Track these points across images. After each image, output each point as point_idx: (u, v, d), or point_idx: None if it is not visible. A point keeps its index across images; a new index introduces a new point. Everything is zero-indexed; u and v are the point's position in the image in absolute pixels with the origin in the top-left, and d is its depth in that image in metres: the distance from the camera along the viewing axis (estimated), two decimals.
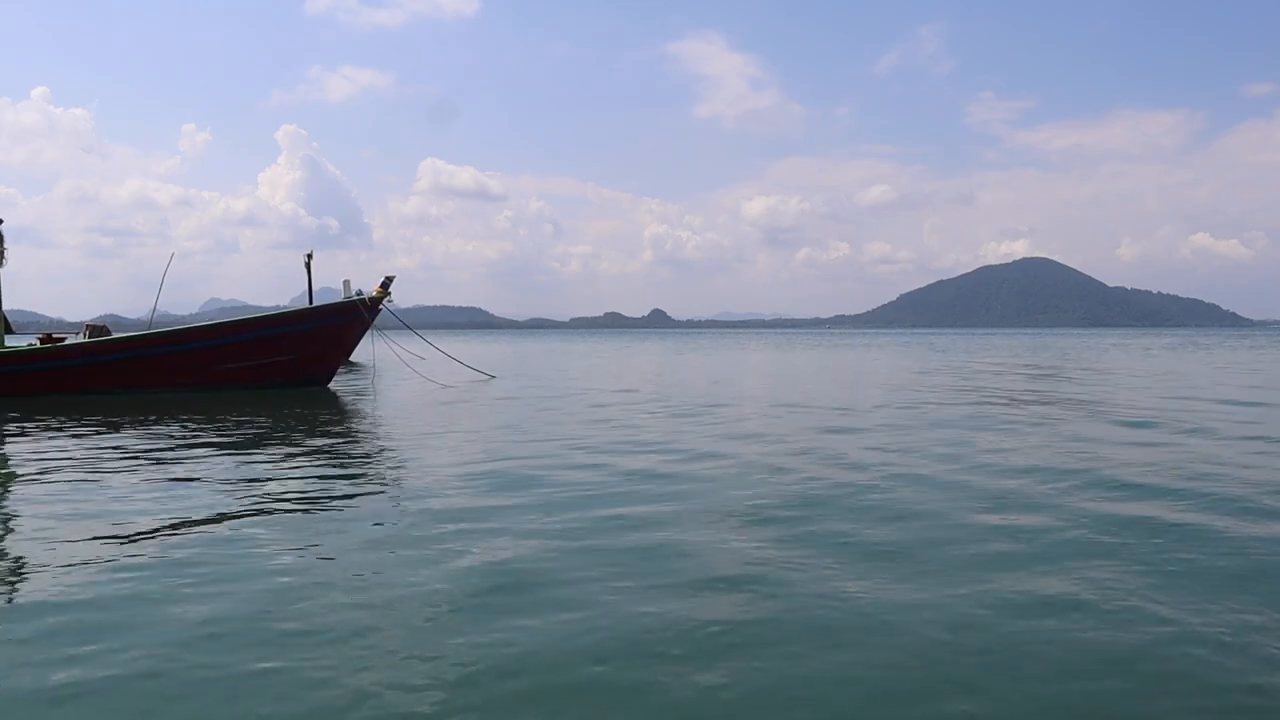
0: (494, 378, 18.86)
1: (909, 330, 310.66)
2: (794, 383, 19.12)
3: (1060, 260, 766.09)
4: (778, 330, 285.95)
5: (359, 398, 15.05)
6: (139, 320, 23.04)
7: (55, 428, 10.34)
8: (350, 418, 11.93)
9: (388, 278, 17.42)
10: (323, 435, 9.77)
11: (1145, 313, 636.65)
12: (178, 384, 15.78)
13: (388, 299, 17.29)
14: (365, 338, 18.13)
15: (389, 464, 7.81)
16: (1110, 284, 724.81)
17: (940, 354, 36.53)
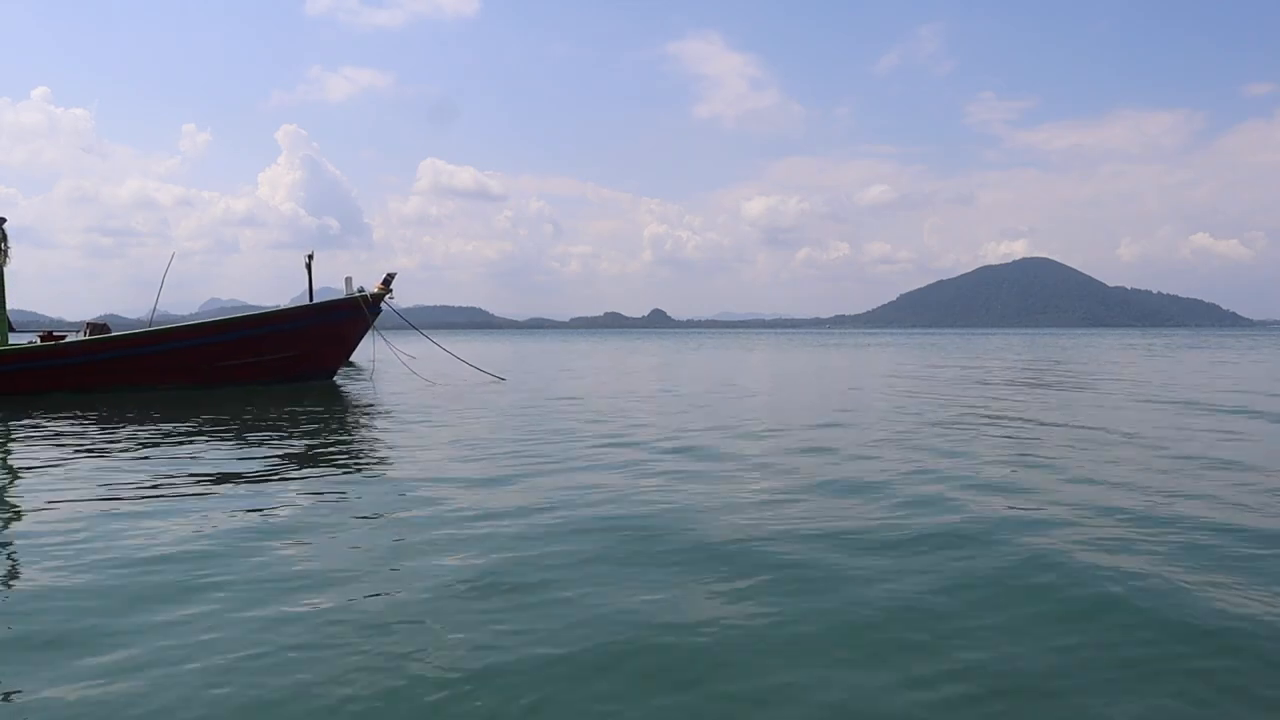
0: (504, 379, 18.45)
1: (909, 330, 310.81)
2: (812, 389, 19.04)
3: (1060, 260, 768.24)
4: (778, 330, 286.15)
5: (359, 397, 14.98)
6: (139, 320, 22.99)
7: (55, 426, 10.28)
8: (348, 417, 11.86)
9: (389, 274, 17.33)
10: (322, 434, 9.70)
11: (1145, 313, 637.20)
12: (178, 381, 15.73)
13: (389, 295, 17.20)
14: (366, 339, 18.01)
15: (387, 462, 7.74)
16: (1110, 284, 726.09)
17: (941, 353, 36.52)
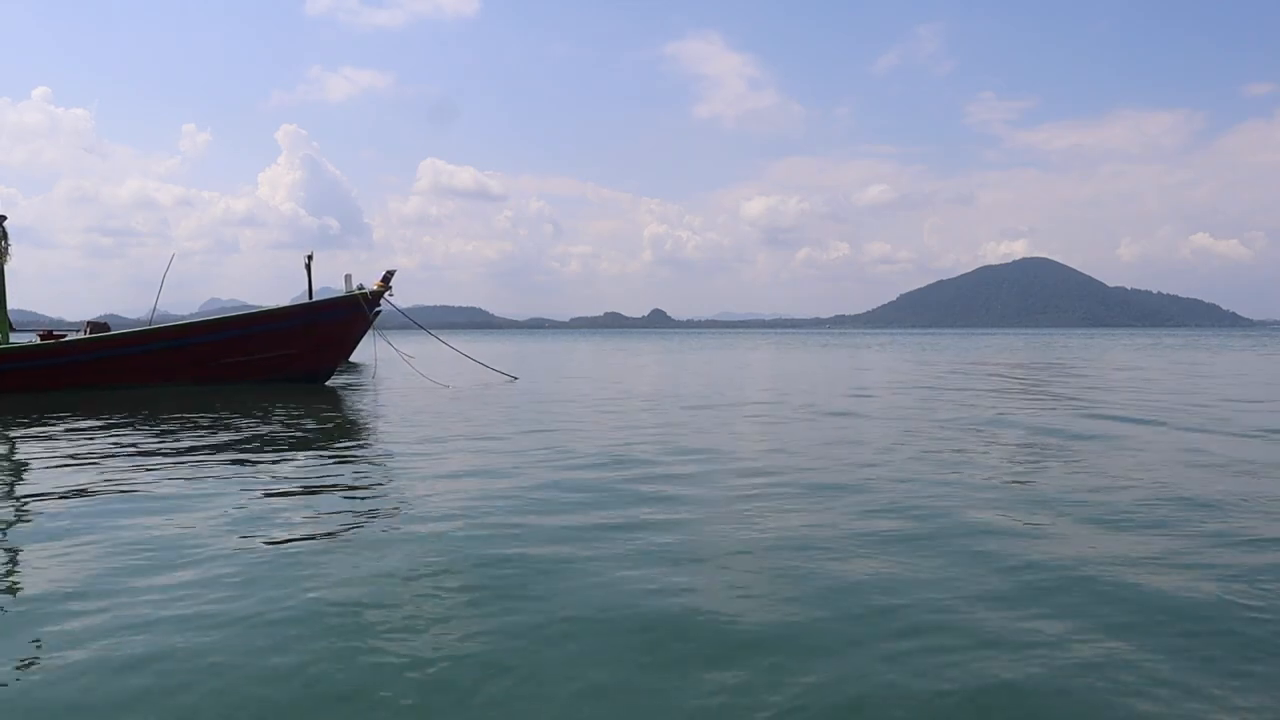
0: (516, 379, 18.32)
1: (909, 330, 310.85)
2: (820, 386, 19.06)
3: (1060, 260, 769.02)
4: (778, 330, 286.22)
5: (358, 397, 14.98)
6: (139, 320, 22.98)
7: (54, 425, 10.28)
8: (349, 416, 11.87)
9: (388, 272, 17.30)
10: (322, 434, 9.70)
11: (1145, 313, 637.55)
12: (177, 379, 15.75)
13: (389, 293, 17.18)
14: (366, 338, 18.01)
15: (385, 460, 7.75)
16: (1110, 284, 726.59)
17: (940, 353, 36.54)
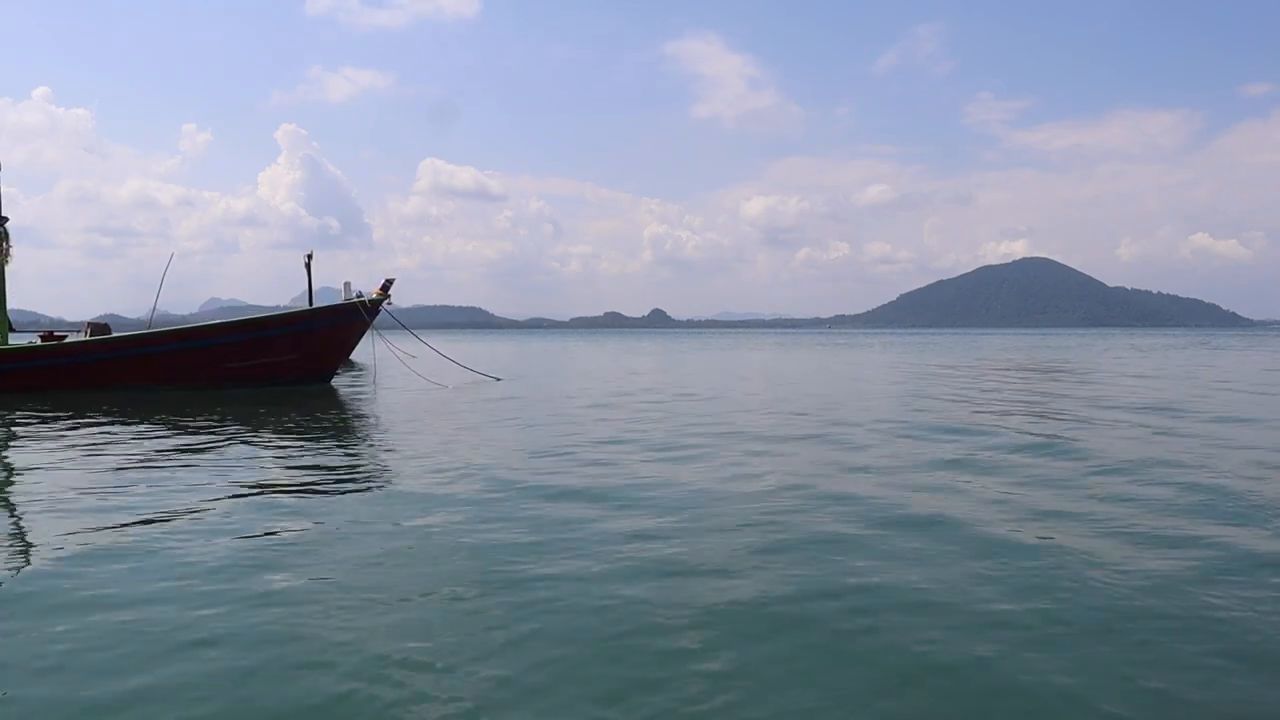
0: (500, 380, 18.57)
1: (910, 330, 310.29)
2: (826, 389, 19.08)
3: (1060, 260, 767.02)
4: (778, 330, 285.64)
5: (359, 396, 15.06)
6: (139, 320, 23.06)
7: (54, 425, 10.35)
8: (349, 415, 11.94)
9: (387, 280, 17.61)
10: (322, 433, 9.78)
11: (1145, 313, 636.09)
12: (179, 382, 15.84)
13: (387, 301, 17.45)
14: (366, 338, 18.22)
15: (384, 458, 7.82)
16: (1110, 284, 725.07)
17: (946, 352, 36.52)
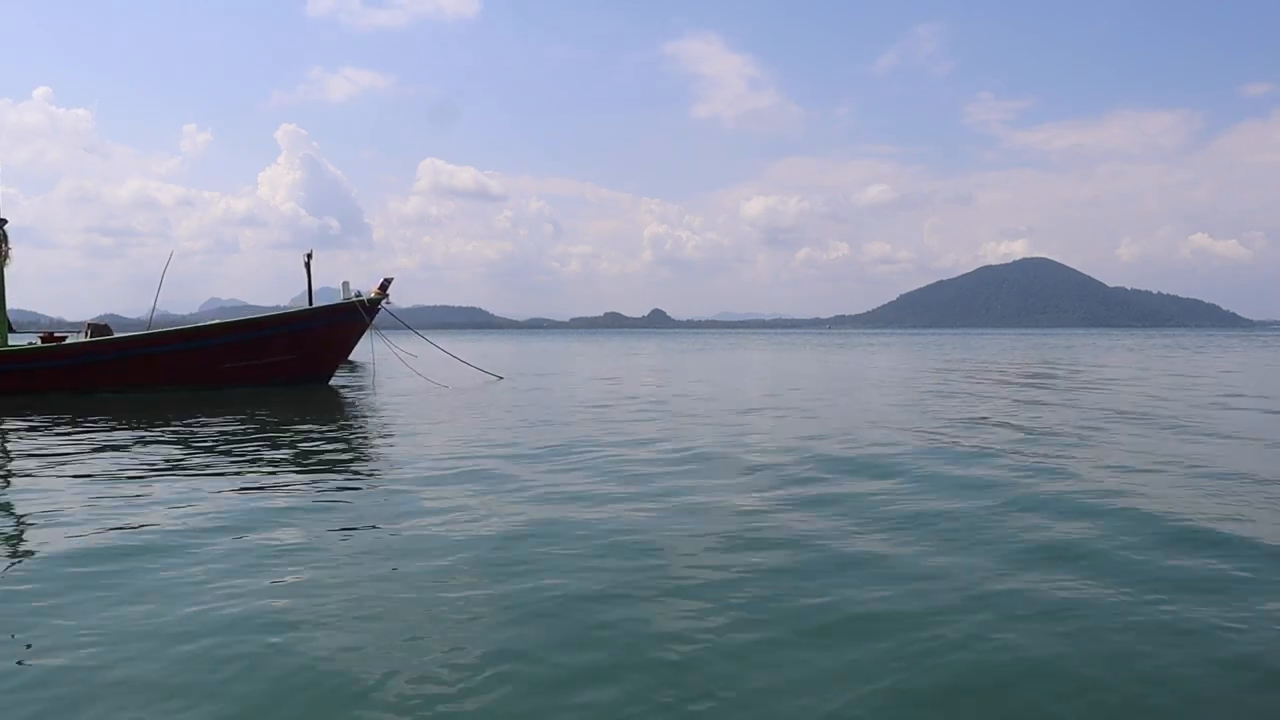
0: (501, 378, 18.60)
1: (910, 330, 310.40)
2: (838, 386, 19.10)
3: (1060, 260, 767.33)
4: (778, 330, 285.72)
5: (358, 395, 15.07)
6: (139, 320, 23.10)
7: (55, 425, 10.38)
8: (350, 415, 11.96)
9: (386, 280, 17.66)
10: (322, 433, 9.79)
11: (1145, 313, 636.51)
12: (179, 382, 15.88)
13: (386, 300, 17.50)
14: (365, 338, 18.26)
15: (384, 456, 7.85)
16: (1110, 284, 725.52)
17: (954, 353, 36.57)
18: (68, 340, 16.02)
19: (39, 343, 15.90)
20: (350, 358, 22.86)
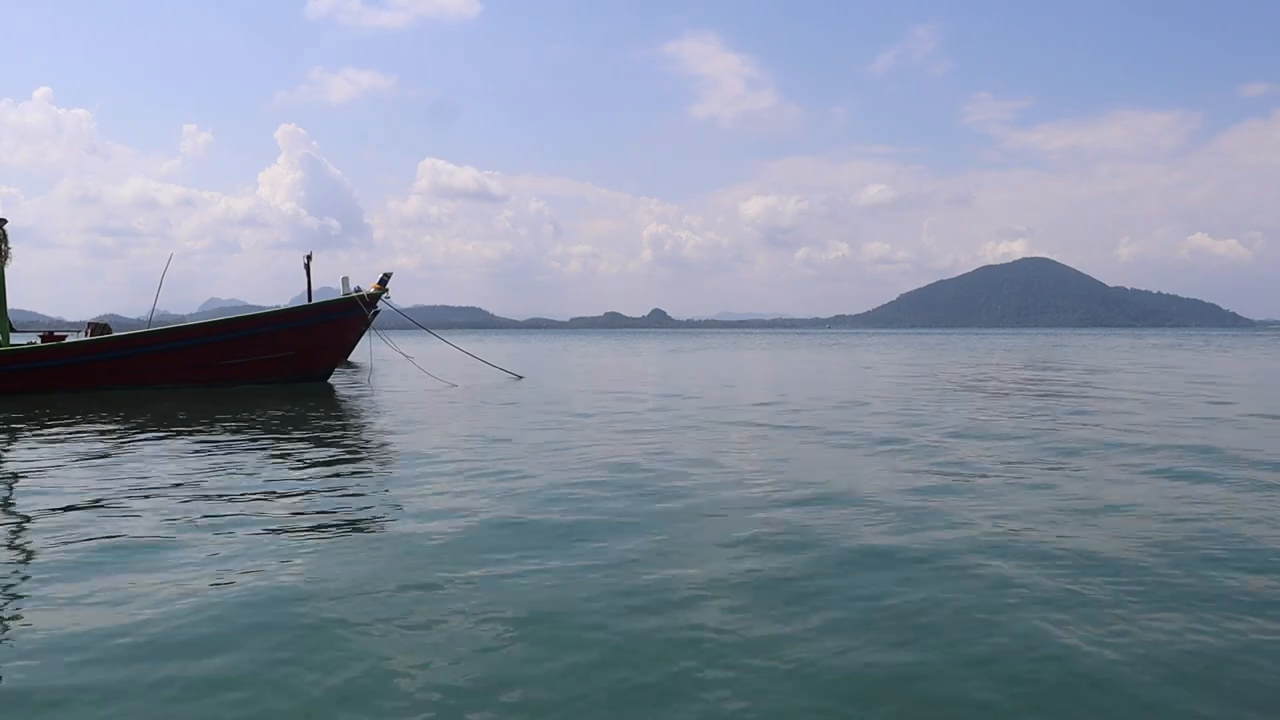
0: (521, 377, 18.51)
1: (910, 330, 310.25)
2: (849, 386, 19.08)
3: (1059, 260, 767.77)
4: (778, 330, 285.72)
5: (358, 395, 15.05)
6: (139, 320, 23.10)
7: (55, 425, 10.36)
8: (348, 413, 11.94)
9: (385, 274, 17.53)
10: (324, 433, 9.77)
11: (1145, 312, 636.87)
12: (179, 381, 15.86)
13: (385, 295, 17.37)
14: (365, 337, 18.17)
15: (382, 453, 7.83)
16: (1110, 284, 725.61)
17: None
18: (68, 340, 16.04)
19: (40, 342, 15.91)
20: (350, 358, 22.82)
